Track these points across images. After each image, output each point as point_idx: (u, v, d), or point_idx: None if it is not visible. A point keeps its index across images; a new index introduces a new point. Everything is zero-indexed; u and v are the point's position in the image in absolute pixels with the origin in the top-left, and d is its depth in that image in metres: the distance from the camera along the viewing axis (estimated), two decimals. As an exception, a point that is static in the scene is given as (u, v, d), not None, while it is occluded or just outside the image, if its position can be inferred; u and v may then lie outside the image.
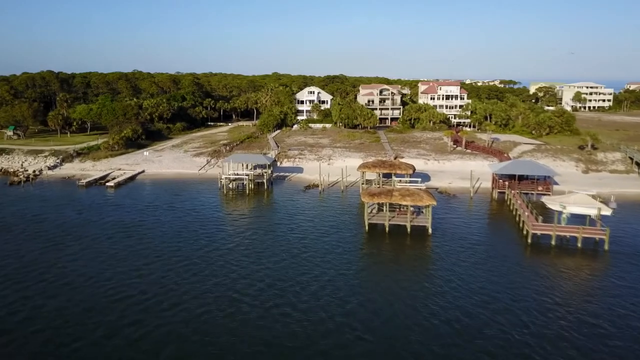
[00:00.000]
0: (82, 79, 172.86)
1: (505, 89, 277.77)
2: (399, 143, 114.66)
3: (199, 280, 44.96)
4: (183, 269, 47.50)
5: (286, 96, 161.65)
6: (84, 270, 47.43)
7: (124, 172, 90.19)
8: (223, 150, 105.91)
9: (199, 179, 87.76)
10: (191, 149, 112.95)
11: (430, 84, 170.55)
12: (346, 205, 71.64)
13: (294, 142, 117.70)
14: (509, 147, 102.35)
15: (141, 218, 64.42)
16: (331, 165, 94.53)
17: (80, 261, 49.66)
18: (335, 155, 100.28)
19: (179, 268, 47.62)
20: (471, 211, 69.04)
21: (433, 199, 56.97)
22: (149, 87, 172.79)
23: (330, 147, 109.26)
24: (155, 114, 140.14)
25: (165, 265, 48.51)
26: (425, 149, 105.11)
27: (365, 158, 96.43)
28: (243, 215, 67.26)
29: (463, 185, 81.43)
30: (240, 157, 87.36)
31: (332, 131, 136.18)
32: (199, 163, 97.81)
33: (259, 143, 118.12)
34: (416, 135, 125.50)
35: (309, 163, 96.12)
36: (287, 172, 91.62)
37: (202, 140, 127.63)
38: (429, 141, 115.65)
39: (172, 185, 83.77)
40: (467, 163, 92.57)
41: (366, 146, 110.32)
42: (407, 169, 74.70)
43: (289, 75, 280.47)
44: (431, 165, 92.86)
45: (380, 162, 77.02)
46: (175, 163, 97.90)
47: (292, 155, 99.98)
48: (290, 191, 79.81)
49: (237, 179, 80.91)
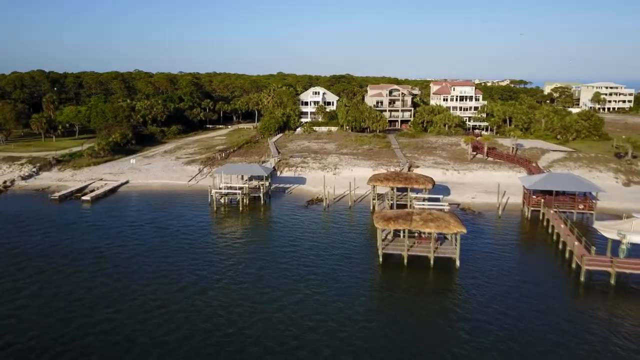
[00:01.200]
0: (74, 78, 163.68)
1: (519, 90, 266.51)
2: (411, 149, 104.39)
3: (175, 340, 34.97)
4: (157, 322, 37.39)
5: (289, 97, 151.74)
6: (34, 325, 37.67)
7: (105, 184, 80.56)
8: (218, 157, 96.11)
9: (189, 192, 77.96)
10: (184, 155, 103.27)
11: (443, 84, 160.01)
12: (355, 225, 61.52)
13: (296, 148, 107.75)
14: (536, 155, 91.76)
15: (115, 244, 54.59)
16: (337, 176, 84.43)
17: (31, 309, 39.82)
18: (342, 163, 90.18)
19: (152, 321, 37.52)
20: (502, 234, 58.71)
21: (462, 225, 46.76)
22: (145, 87, 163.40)
23: (336, 153, 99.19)
24: (148, 116, 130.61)
25: (136, 314, 38.56)
26: (441, 157, 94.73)
27: (376, 167, 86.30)
28: (235, 239, 57.25)
29: (488, 200, 71.13)
30: (234, 167, 77.18)
31: (338, 135, 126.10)
32: (190, 172, 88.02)
33: (259, 149, 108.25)
34: (430, 140, 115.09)
35: (313, 173, 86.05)
36: (287, 184, 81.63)
37: (197, 145, 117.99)
38: (445, 147, 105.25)
39: (158, 199, 74.03)
40: (491, 174, 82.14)
41: (376, 153, 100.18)
42: (426, 182, 64.47)
43: (294, 75, 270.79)
44: (450, 176, 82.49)
45: (394, 174, 66.83)
46: (163, 172, 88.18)
47: (294, 164, 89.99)
48: (291, 207, 69.81)
49: (229, 193, 70.85)
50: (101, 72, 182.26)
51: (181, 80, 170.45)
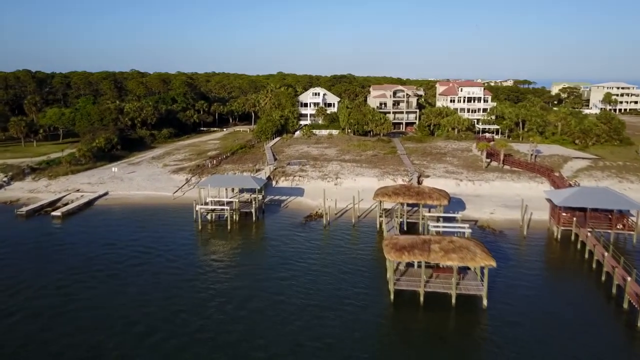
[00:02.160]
0: (62, 79, 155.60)
1: (526, 90, 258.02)
2: (419, 155, 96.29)
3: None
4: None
5: (288, 98, 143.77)
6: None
7: (82, 195, 72.56)
8: (208, 164, 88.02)
9: (173, 205, 69.89)
10: (172, 162, 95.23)
11: (449, 85, 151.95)
12: (360, 249, 53.45)
13: (294, 154, 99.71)
14: (557, 163, 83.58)
15: (83, 275, 46.48)
16: (339, 187, 76.39)
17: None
18: (344, 172, 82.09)
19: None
20: (531, 259, 50.64)
21: (490, 256, 38.75)
22: (137, 88, 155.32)
23: (338, 160, 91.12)
24: (137, 119, 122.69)
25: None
26: (453, 165, 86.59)
27: (382, 177, 78.18)
28: (222, 268, 49.12)
29: (509, 215, 63.09)
30: (222, 179, 68.88)
31: (339, 139, 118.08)
32: (176, 182, 79.96)
33: (254, 155, 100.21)
34: (439, 145, 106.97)
35: (312, 183, 77.96)
36: (283, 195, 73.58)
37: (188, 150, 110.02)
38: (455, 153, 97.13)
39: (138, 214, 66.03)
40: (510, 185, 73.93)
41: (381, 159, 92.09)
42: (441, 198, 56.37)
43: (294, 75, 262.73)
44: (464, 187, 74.33)
45: (405, 188, 58.70)
46: (148, 182, 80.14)
47: (291, 173, 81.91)
48: (287, 224, 61.73)
49: (216, 209, 62.54)
50: (91, 72, 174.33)
51: (175, 80, 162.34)
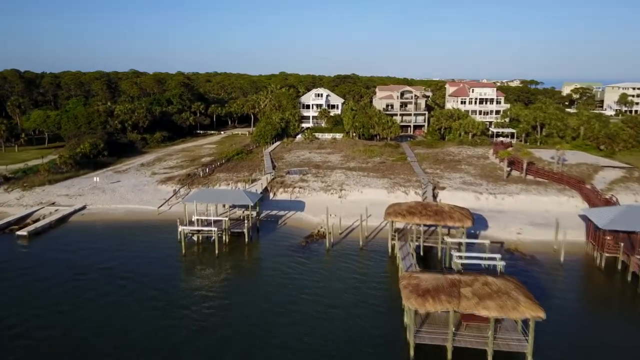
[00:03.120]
0: (52, 79, 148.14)
1: (536, 91, 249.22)
2: (431, 162, 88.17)
3: None
4: None
5: (289, 100, 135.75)
6: None
7: (56, 210, 64.87)
8: (200, 173, 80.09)
9: (158, 222, 62.01)
10: (162, 169, 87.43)
11: (460, 85, 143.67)
12: (370, 279, 45.48)
13: (294, 160, 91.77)
14: (586, 173, 75.29)
15: (44, 311, 38.94)
16: (344, 199, 68.41)
17: None
18: (349, 182, 74.05)
19: None
20: (575, 296, 42.62)
21: (537, 305, 30.69)
22: (130, 88, 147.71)
23: (342, 168, 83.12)
24: (128, 122, 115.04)
25: None
26: (470, 174, 78.43)
27: (392, 189, 70.09)
28: (205, 305, 41.28)
29: (539, 236, 55.01)
30: (211, 193, 60.37)
31: (343, 144, 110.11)
32: (163, 194, 72.11)
33: (251, 162, 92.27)
34: (452, 151, 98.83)
35: (313, 195, 69.95)
36: (282, 210, 65.62)
37: (181, 156, 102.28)
38: (471, 161, 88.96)
39: (116, 233, 58.28)
40: (537, 199, 65.65)
41: (389, 167, 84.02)
42: (463, 219, 48.30)
43: (296, 75, 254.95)
44: (485, 201, 66.14)
45: (421, 206, 50.64)
46: (132, 194, 72.34)
47: (291, 183, 73.93)
48: (284, 246, 53.78)
49: (203, 230, 54.30)
50: (83, 72, 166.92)
51: (170, 80, 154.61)
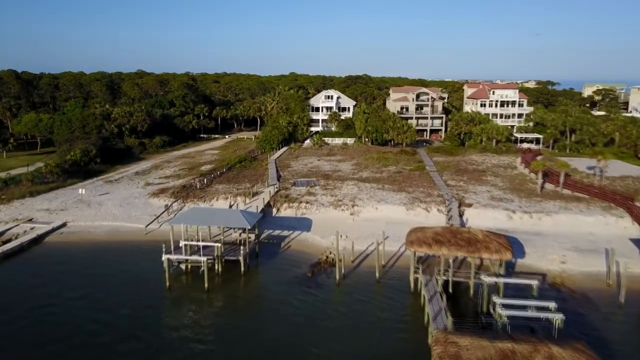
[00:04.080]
0: (50, 80, 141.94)
1: (556, 92, 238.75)
2: (452, 173, 79.75)
3: None
4: None
5: (297, 102, 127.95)
6: None
7: (32, 228, 57.63)
8: (197, 184, 72.43)
9: (144, 243, 54.41)
10: (157, 179, 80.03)
11: (479, 87, 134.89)
12: (389, 324, 37.42)
13: (302, 169, 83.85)
14: (633, 188, 66.31)
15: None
16: (356, 217, 60.29)
17: None
18: (362, 196, 65.93)
19: None
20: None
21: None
22: (131, 90, 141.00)
23: (354, 179, 75.02)
24: (126, 125, 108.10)
25: None
26: (498, 187, 69.89)
27: (411, 205, 61.70)
28: (189, 351, 33.65)
29: (587, 266, 46.60)
30: (201, 214, 51.23)
31: (355, 150, 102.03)
32: (155, 208, 64.54)
33: (254, 170, 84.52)
34: (475, 159, 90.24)
35: (322, 212, 61.90)
36: (285, 229, 57.69)
37: (180, 163, 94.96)
38: (497, 171, 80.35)
39: (95, 257, 50.87)
40: (580, 219, 56.83)
41: (407, 178, 75.73)
42: (501, 250, 39.99)
43: (306, 76, 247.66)
44: (519, 221, 57.52)
45: (449, 233, 42.39)
46: (120, 208, 64.92)
47: (297, 197, 65.96)
48: (286, 278, 45.84)
49: (190, 260, 46.44)
50: (83, 73, 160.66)
51: (173, 81, 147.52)
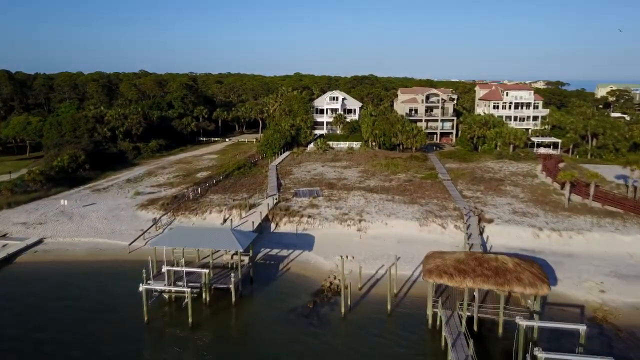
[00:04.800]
0: (44, 80, 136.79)
1: (569, 93, 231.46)
2: (468, 181, 73.49)
3: None
4: None
5: (301, 104, 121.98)
6: None
7: (4, 245, 52.04)
8: (190, 194, 66.56)
9: (126, 264, 48.60)
10: (149, 187, 74.32)
11: (492, 88, 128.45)
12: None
13: (304, 177, 77.85)
14: (671, 200, 59.95)
15: None
16: (364, 234, 54.18)
17: None
18: (370, 209, 59.80)
19: None
20: None
21: None
22: (128, 91, 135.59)
23: (361, 189, 68.93)
24: (120, 128, 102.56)
25: None
26: (519, 199, 63.50)
27: (425, 220, 55.42)
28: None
29: (632, 296, 40.31)
30: (185, 235, 44.01)
31: (361, 155, 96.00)
32: (142, 222, 58.76)
33: (253, 177, 78.63)
34: (490, 166, 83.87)
35: (325, 227, 55.79)
36: (284, 248, 51.68)
37: (176, 169, 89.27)
38: (516, 180, 74.01)
39: (70, 280, 45.15)
40: (616, 239, 50.27)
41: (418, 187, 69.50)
42: (536, 282, 33.72)
43: (311, 76, 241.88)
44: (547, 240, 51.15)
45: (473, 260, 36.13)
46: (104, 222, 59.19)
47: (298, 210, 59.90)
48: (283, 310, 39.75)
49: (173, 291, 40.44)
50: (80, 73, 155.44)
51: (172, 82, 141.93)
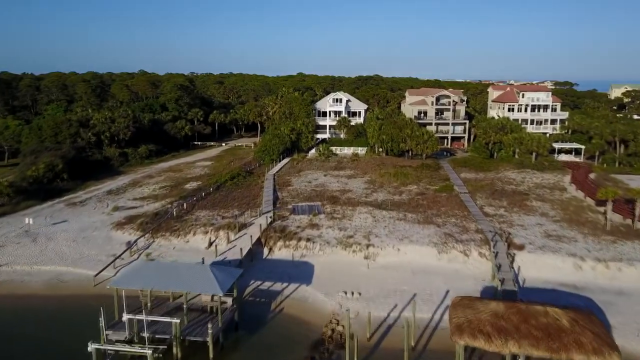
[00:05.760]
0: (31, 81, 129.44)
1: (582, 94, 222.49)
2: (488, 195, 65.25)
3: None
4: None
5: (302, 106, 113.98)
6: None
7: (-51, 275, 44.44)
8: (172, 212, 58.50)
9: (90, 300, 40.57)
10: (130, 200, 66.52)
11: (507, 89, 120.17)
12: None
13: (304, 189, 69.77)
14: None
15: None
16: (372, 262, 46.12)
17: None
18: (379, 229, 51.70)
19: None
20: None
21: None
22: (119, 92, 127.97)
23: (368, 204, 60.80)
24: (106, 133, 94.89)
25: None
26: (550, 218, 55.15)
27: (443, 245, 47.20)
28: None
29: None
30: (150, 273, 35.40)
31: (367, 163, 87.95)
32: (116, 245, 50.90)
33: (247, 190, 70.60)
34: (511, 177, 75.60)
35: (327, 253, 47.75)
36: (277, 281, 43.60)
37: (164, 178, 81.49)
38: (543, 194, 65.72)
39: (16, 326, 37.32)
40: (677, 272, 42.40)
41: (432, 202, 61.31)
42: (603, 350, 25.72)
43: (314, 76, 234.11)
44: (591, 272, 42.85)
45: (516, 315, 27.95)
46: (72, 244, 51.34)
47: (296, 231, 51.87)
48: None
49: (131, 347, 32.46)
50: (77, 73, 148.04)
51: (166, 83, 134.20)
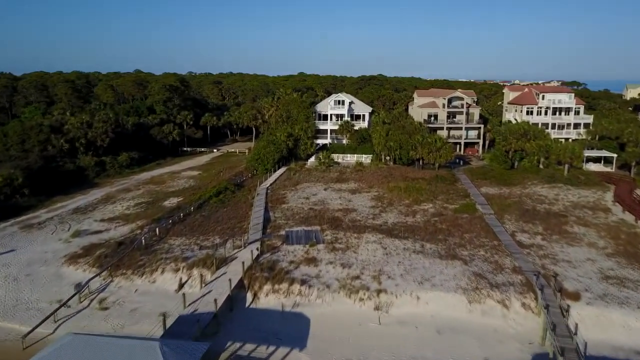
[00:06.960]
0: (8, 81, 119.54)
1: (597, 94, 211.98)
2: (517, 216, 55.03)
3: None
4: None
5: (301, 109, 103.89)
6: None
7: None
8: (142, 240, 48.39)
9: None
10: (95, 223, 56.49)
11: (525, 90, 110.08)
12: None
13: (301, 207, 59.59)
14: None
15: None
16: (385, 314, 36.05)
17: None
18: (392, 267, 41.67)
19: None
20: None
21: None
22: (103, 93, 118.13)
23: (377, 229, 50.75)
24: (81, 139, 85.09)
25: None
26: (599, 249, 44.99)
27: (474, 291, 37.12)
28: None
29: None
30: (83, 351, 23.40)
31: (374, 173, 77.81)
32: (66, 286, 40.94)
33: (235, 208, 60.47)
34: (542, 193, 65.35)
35: (327, 301, 37.57)
36: (261, 343, 33.49)
37: (143, 191, 71.66)
38: (583, 215, 55.51)
39: None
40: None
41: (453, 226, 51.18)
42: None
43: (315, 76, 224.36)
44: (675, 334, 33.06)
45: None
46: (11, 286, 41.12)
47: (287, 271, 41.77)
48: None
49: None
50: (63, 72, 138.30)
51: (154, 83, 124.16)
